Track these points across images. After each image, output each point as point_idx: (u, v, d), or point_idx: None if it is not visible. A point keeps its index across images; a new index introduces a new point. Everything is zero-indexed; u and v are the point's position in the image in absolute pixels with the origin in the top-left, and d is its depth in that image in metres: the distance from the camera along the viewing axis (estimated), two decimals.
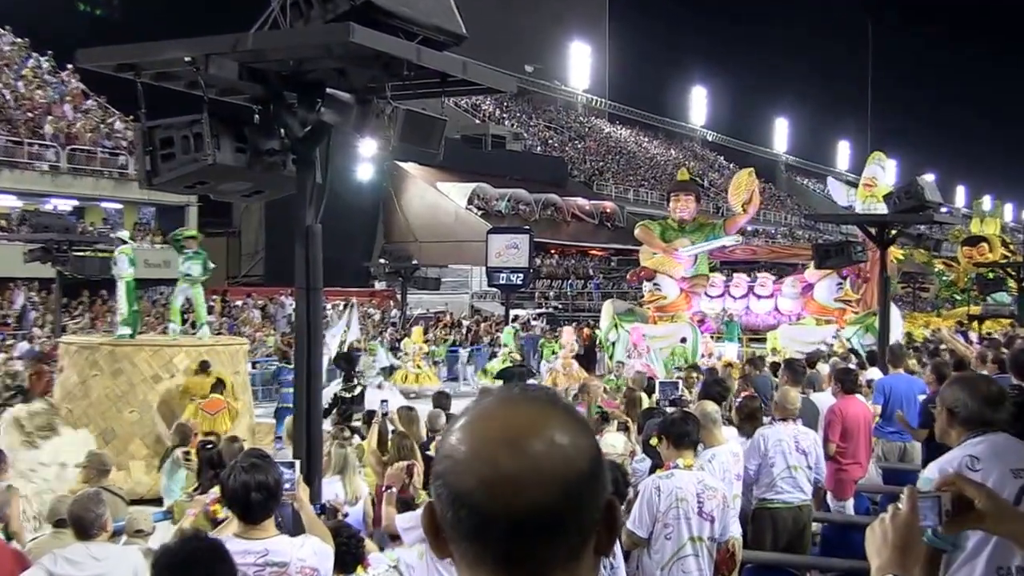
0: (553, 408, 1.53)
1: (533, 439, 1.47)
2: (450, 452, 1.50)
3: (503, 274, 39.83)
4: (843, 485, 10.91)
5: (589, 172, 78.29)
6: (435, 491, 1.51)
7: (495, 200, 59.74)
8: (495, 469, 1.44)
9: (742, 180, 28.27)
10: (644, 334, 25.75)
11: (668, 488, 6.75)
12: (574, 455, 1.49)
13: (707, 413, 8.51)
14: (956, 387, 4.56)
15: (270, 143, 7.49)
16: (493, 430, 1.49)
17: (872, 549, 2.42)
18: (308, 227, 7.76)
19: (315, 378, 8.08)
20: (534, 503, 1.43)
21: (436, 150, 7.82)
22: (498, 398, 1.57)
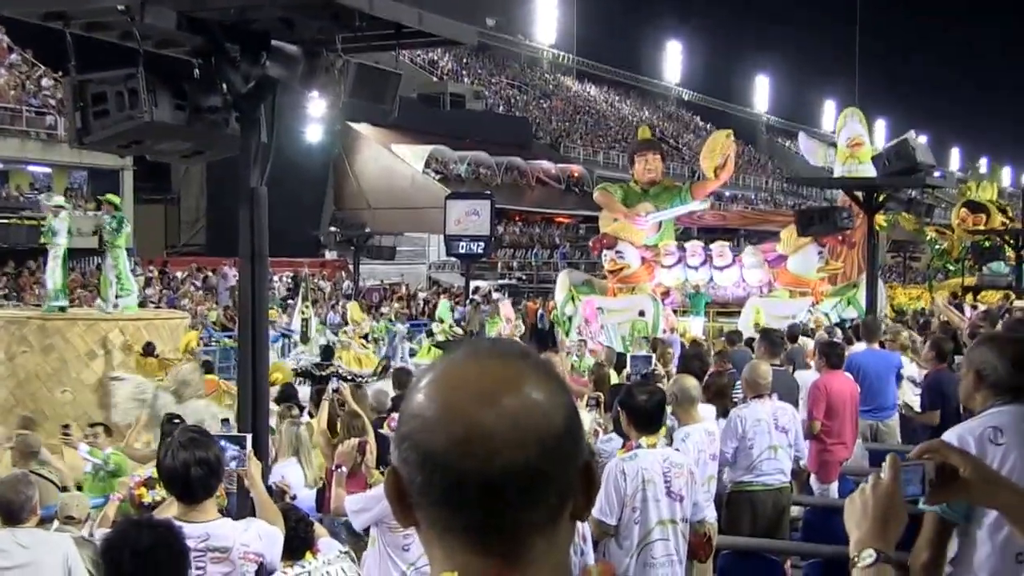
0: (526, 363, 1.52)
1: (508, 394, 1.45)
2: (417, 411, 1.48)
3: (463, 243, 39.81)
4: (827, 467, 10.94)
5: (555, 133, 78.22)
6: (401, 454, 1.48)
7: (454, 163, 59.62)
8: (468, 427, 1.42)
9: (718, 142, 28.12)
10: (598, 307, 25.43)
11: (633, 470, 6.71)
12: (551, 411, 1.47)
13: (686, 390, 8.52)
14: (986, 348, 4.54)
15: (211, 99, 7.46)
16: (464, 386, 1.47)
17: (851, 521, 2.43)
18: (253, 190, 7.75)
19: (261, 353, 8.08)
20: (511, 462, 1.42)
21: (390, 107, 7.82)
22: (467, 353, 1.54)
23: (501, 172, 61.71)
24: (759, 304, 24.85)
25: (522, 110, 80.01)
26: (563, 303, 27.36)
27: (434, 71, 76.79)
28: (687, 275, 27.04)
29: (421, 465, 1.45)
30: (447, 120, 65.15)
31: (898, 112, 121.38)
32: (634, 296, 26.23)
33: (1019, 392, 4.36)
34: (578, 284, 27.66)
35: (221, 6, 7.00)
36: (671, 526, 6.79)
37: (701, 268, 26.93)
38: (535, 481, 1.44)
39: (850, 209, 20.12)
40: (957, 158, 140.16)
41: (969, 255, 41.81)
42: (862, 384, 11.77)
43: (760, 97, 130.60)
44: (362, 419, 8.85)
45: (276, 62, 7.37)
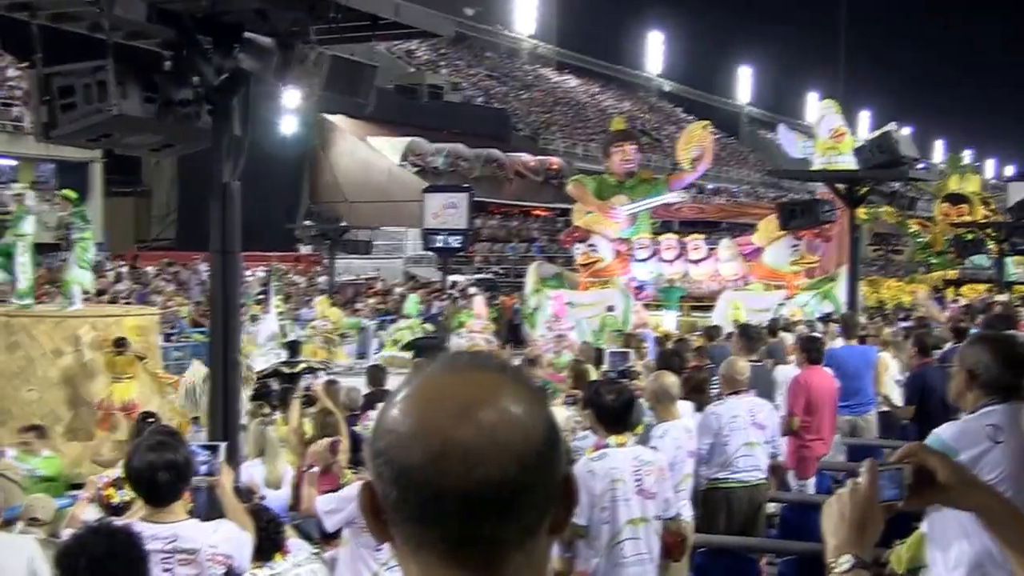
0: (504, 375, 1.51)
1: (485, 408, 1.45)
2: (393, 426, 1.47)
3: (440, 236, 39.76)
4: (806, 463, 11.01)
5: (534, 125, 78.23)
6: (376, 469, 1.48)
7: (432, 156, 59.56)
8: (445, 441, 1.42)
9: (694, 133, 28.17)
10: (568, 302, 25.19)
11: (602, 470, 6.71)
12: (530, 425, 1.47)
13: (666, 387, 8.56)
14: (979, 347, 4.61)
15: (182, 92, 7.45)
16: (440, 400, 1.47)
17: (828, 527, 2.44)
18: (225, 185, 7.75)
19: (232, 350, 8.09)
20: (489, 477, 1.41)
21: (366, 100, 7.84)
22: (443, 366, 1.54)
23: (479, 164, 61.67)
24: (736, 298, 24.75)
25: (501, 101, 79.97)
26: (530, 296, 27.14)
27: (411, 62, 76.74)
28: (661, 269, 26.92)
29: (396, 480, 1.44)
30: (425, 112, 65.10)
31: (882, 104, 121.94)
32: (604, 290, 26.07)
33: (1011, 391, 4.43)
34: (547, 277, 27.45)
35: None
36: (642, 525, 6.80)
37: (676, 262, 26.83)
38: (514, 496, 1.44)
39: (832, 202, 20.20)
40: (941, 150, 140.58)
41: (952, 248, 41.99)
42: (841, 379, 11.84)
43: (743, 88, 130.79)
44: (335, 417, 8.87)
45: (249, 54, 7.38)
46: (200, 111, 7.62)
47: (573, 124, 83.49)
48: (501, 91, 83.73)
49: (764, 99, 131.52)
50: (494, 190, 60.91)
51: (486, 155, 62.52)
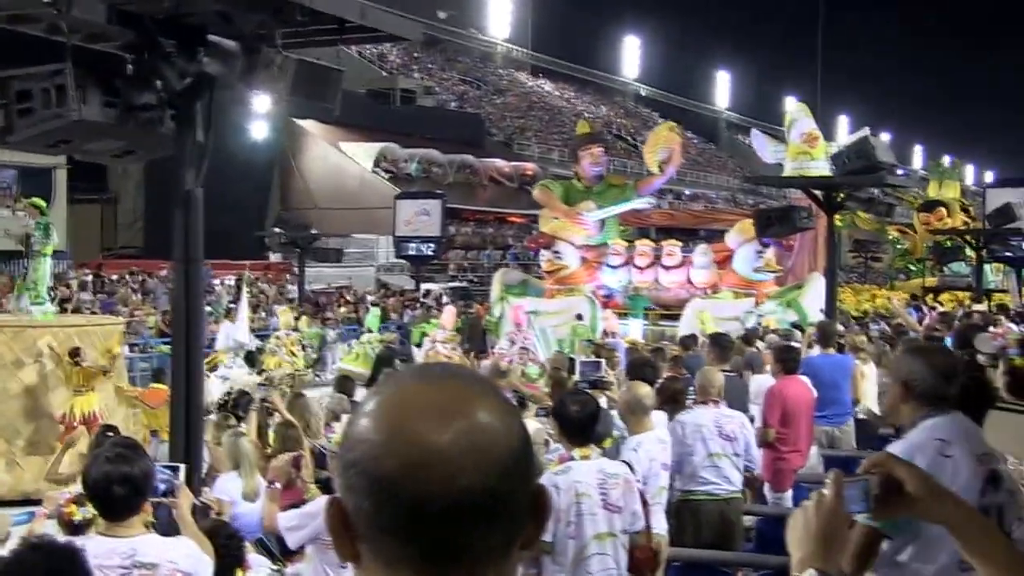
0: (476, 384, 1.51)
1: (462, 416, 1.44)
2: (365, 435, 1.45)
3: (413, 244, 39.77)
4: (782, 475, 11.00)
5: (509, 131, 78.23)
6: (347, 481, 1.45)
7: (404, 162, 59.50)
8: (422, 448, 1.40)
9: (660, 135, 28.10)
10: (528, 311, 24.79)
11: (566, 484, 6.65)
12: (506, 432, 1.47)
13: (639, 399, 8.52)
14: (911, 358, 4.60)
15: (145, 97, 7.41)
16: (414, 408, 1.45)
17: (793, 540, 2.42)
18: (188, 192, 7.72)
19: (196, 362, 8.05)
20: (471, 486, 1.40)
21: (333, 104, 7.82)
22: (413, 375, 1.54)
23: (453, 171, 61.63)
24: (702, 307, 24.43)
25: (475, 106, 79.95)
26: (493, 304, 26.93)
27: (383, 66, 76.67)
28: (631, 276, 26.72)
29: (370, 491, 1.42)
30: (397, 117, 65.05)
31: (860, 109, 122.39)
32: (570, 298, 25.84)
33: (945, 402, 4.44)
34: (513, 285, 27.21)
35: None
36: (609, 540, 6.74)
37: (647, 269, 26.61)
38: (494, 505, 1.42)
39: (809, 209, 20.26)
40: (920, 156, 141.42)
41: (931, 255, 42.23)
42: (817, 389, 11.85)
43: (721, 93, 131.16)
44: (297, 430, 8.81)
45: (213, 58, 7.35)
46: (163, 116, 7.58)
47: (548, 129, 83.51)
48: (475, 96, 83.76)
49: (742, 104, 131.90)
50: (468, 196, 60.90)
51: (459, 161, 62.47)
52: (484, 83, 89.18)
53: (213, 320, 29.16)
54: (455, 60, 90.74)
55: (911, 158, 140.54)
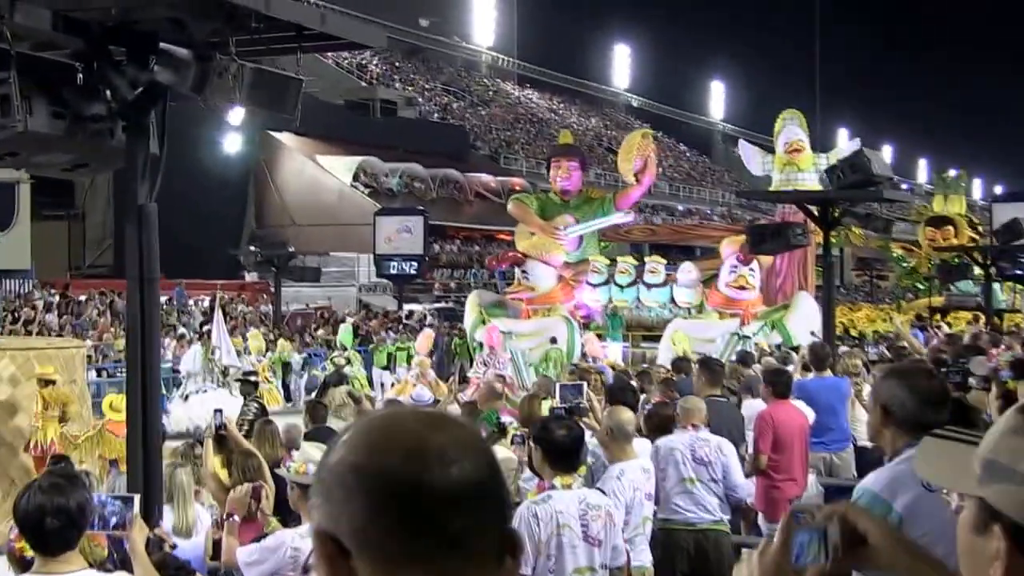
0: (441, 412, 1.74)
1: (448, 423, 1.64)
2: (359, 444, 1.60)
3: (394, 262, 39.71)
4: (775, 504, 10.84)
5: (495, 143, 78.37)
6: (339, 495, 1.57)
7: (385, 176, 59.55)
8: (420, 442, 1.56)
9: (633, 143, 27.76)
10: (503, 332, 24.59)
11: (546, 514, 6.56)
12: (487, 445, 1.67)
13: (622, 424, 8.41)
14: (893, 381, 4.51)
15: (94, 107, 7.34)
16: (406, 419, 1.64)
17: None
18: (141, 207, 7.62)
19: (153, 388, 7.95)
20: (468, 473, 1.56)
21: (292, 115, 7.75)
22: (390, 409, 1.82)
23: (436, 185, 61.70)
24: (680, 328, 24.08)
25: (459, 118, 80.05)
26: (472, 327, 26.46)
27: (363, 75, 76.72)
28: (612, 294, 26.41)
29: (371, 490, 1.54)
30: (377, 129, 65.10)
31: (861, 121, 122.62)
32: (545, 319, 25.51)
33: (929, 428, 4.30)
34: (490, 306, 26.95)
35: (102, 5, 6.89)
36: (589, 575, 6.68)
37: (628, 287, 26.25)
38: (486, 498, 1.58)
39: (804, 225, 20.22)
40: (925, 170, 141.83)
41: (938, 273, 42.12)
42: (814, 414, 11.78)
43: (715, 103, 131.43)
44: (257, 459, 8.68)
45: (165, 66, 7.26)
46: (114, 128, 7.53)
47: (536, 142, 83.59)
48: (459, 107, 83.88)
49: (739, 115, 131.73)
50: (452, 213, 60.91)
51: (443, 175, 62.53)
52: (468, 93, 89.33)
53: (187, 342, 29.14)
54: (438, 69, 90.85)
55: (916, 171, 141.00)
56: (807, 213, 19.42)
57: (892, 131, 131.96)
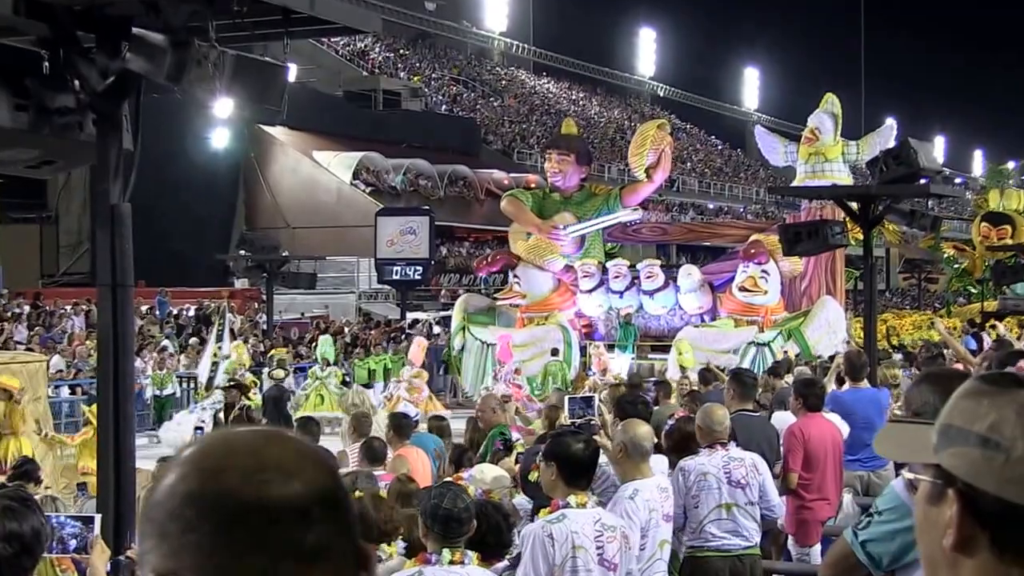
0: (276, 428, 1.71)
1: (284, 437, 1.64)
2: (184, 480, 1.56)
3: (397, 267, 39.74)
4: (807, 527, 10.87)
5: (508, 137, 78.40)
6: (176, 527, 1.54)
7: (387, 173, 59.53)
8: (258, 458, 1.57)
9: (647, 135, 27.57)
10: (486, 343, 24.61)
11: (562, 534, 6.59)
12: (326, 455, 1.70)
13: (639, 440, 8.36)
14: (926, 387, 4.49)
15: (61, 99, 7.39)
16: (241, 439, 1.62)
17: None
18: (113, 207, 7.67)
19: (125, 401, 8.00)
20: (307, 486, 1.56)
21: (277, 106, 7.79)
22: (208, 435, 1.72)
23: (443, 183, 61.68)
24: (687, 337, 23.74)
25: (468, 110, 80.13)
26: (453, 335, 26.57)
27: (364, 64, 76.82)
28: (610, 301, 26.29)
29: (214, 516, 1.52)
30: (379, 122, 65.16)
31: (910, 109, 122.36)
32: (540, 328, 25.45)
33: None
34: (476, 312, 26.94)
35: None
36: None
37: (626, 293, 26.15)
38: (338, 507, 1.60)
39: (844, 223, 20.18)
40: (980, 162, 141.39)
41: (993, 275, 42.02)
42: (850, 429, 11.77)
43: (749, 92, 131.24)
44: None
45: (138, 54, 7.31)
46: (83, 121, 7.56)
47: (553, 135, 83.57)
48: (469, 98, 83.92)
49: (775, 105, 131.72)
50: (461, 213, 60.90)
51: (451, 172, 62.52)
52: (479, 83, 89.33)
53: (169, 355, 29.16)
54: (446, 57, 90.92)
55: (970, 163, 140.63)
56: (845, 209, 19.34)
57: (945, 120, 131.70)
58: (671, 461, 9.56)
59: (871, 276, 19.24)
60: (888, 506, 4.23)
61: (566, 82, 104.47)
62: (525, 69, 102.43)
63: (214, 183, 51.66)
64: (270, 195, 56.39)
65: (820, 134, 27.89)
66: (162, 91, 7.90)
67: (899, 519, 4.14)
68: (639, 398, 11.14)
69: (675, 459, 9.51)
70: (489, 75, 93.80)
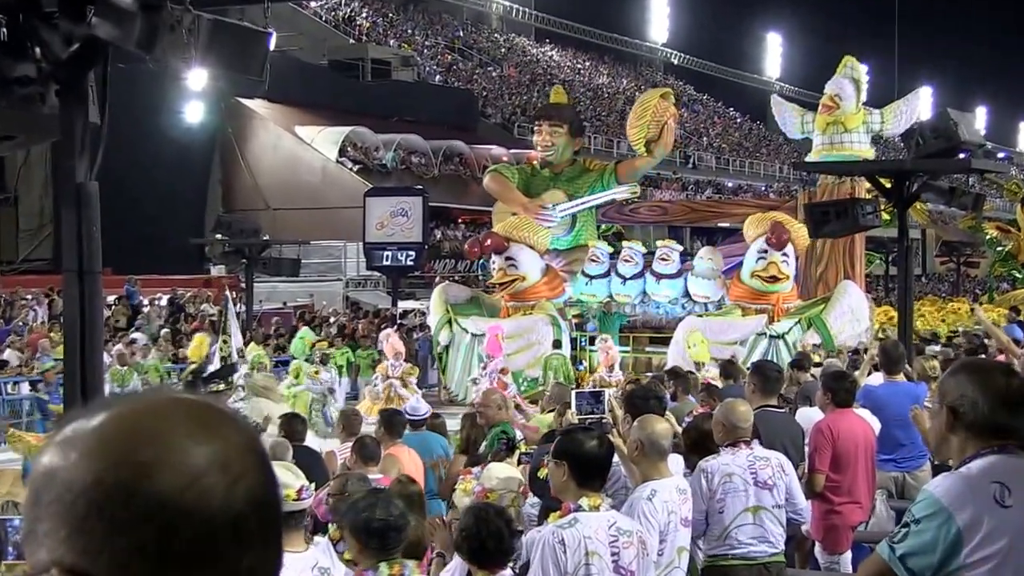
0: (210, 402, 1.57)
1: (221, 418, 1.53)
2: (113, 467, 1.44)
3: (388, 252, 39.69)
4: (836, 533, 10.85)
5: (508, 110, 78.35)
6: (103, 525, 1.42)
7: (377, 150, 59.55)
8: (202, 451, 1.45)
9: (648, 104, 27.29)
10: (473, 334, 24.38)
11: (574, 540, 6.60)
12: (260, 441, 1.55)
13: (655, 438, 8.34)
14: (963, 378, 4.50)
15: (21, 68, 7.36)
16: (166, 425, 1.48)
17: None
18: (79, 186, 7.65)
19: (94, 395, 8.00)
20: (256, 490, 1.48)
21: (259, 77, 7.76)
22: (134, 406, 1.53)
23: (438, 160, 61.69)
24: (696, 327, 23.48)
25: (465, 80, 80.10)
26: (437, 329, 26.25)
27: (350, 31, 76.74)
28: (612, 288, 26.02)
29: (142, 524, 1.41)
30: (367, 94, 65.18)
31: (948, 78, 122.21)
32: (526, 319, 25.11)
33: (1006, 436, 4.33)
34: (459, 303, 26.70)
35: None
36: None
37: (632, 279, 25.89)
38: (275, 517, 1.51)
39: (876, 202, 20.16)
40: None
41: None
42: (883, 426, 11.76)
43: (771, 60, 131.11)
44: None
45: (105, 18, 7.27)
46: (46, 93, 7.53)
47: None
48: (465, 67, 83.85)
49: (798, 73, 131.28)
50: (457, 193, 60.90)
51: (446, 148, 62.53)
52: (476, 51, 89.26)
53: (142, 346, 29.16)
54: (440, 23, 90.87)
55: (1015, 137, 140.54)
56: (877, 186, 19.36)
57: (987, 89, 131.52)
58: (689, 461, 9.56)
59: (907, 260, 19.28)
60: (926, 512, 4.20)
61: (571, 50, 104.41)
62: (526, 36, 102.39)
63: (188, 161, 51.57)
64: (249, 174, 56.33)
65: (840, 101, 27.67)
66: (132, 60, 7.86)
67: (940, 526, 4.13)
68: (652, 393, 11.06)
69: (694, 460, 9.50)
70: (487, 42, 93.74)
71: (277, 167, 56.41)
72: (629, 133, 27.80)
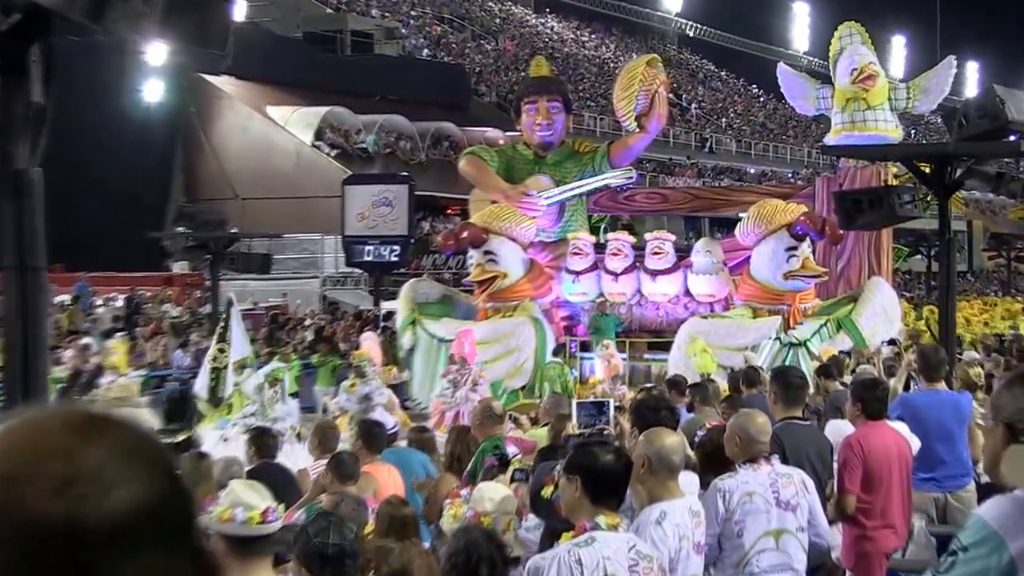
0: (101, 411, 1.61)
1: (105, 426, 1.59)
2: None
3: (369, 247, 39.69)
4: (868, 561, 10.78)
5: (504, 88, 78.32)
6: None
7: (357, 132, 59.56)
8: (73, 460, 1.52)
9: (635, 73, 27.03)
10: (441, 339, 24.00)
11: (592, 560, 6.56)
12: (162, 446, 1.61)
13: (665, 453, 8.29)
14: (1020, 391, 4.48)
15: None
16: (42, 436, 1.56)
17: None
18: (19, 173, 7.66)
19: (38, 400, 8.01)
20: (140, 496, 1.52)
21: (222, 51, 7.75)
22: (16, 419, 1.60)
23: (426, 144, 61.72)
24: (700, 330, 23.31)
25: (456, 55, 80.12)
26: (400, 331, 26.01)
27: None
28: (603, 287, 25.77)
29: (12, 538, 1.47)
30: (347, 70, 65.18)
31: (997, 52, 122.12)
32: (505, 321, 24.74)
33: None
34: (427, 302, 26.49)
35: None
36: None
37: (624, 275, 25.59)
38: (171, 524, 1.56)
39: (914, 190, 20.14)
40: None
41: None
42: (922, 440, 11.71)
43: (798, 32, 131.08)
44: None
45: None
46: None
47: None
48: (457, 40, 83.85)
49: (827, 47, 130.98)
50: (447, 180, 60.71)
51: (435, 131, 62.55)
52: (469, 23, 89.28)
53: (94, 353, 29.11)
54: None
55: None
56: (915, 172, 19.35)
57: None
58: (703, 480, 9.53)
59: (949, 255, 19.21)
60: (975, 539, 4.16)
61: (574, 20, 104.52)
62: (524, 5, 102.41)
63: (147, 144, 51.52)
64: (214, 159, 56.36)
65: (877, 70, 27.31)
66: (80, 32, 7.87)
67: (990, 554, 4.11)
68: (663, 403, 11.02)
69: (709, 477, 9.46)
70: (480, 12, 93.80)
71: (246, 152, 56.42)
72: (617, 108, 27.53)
